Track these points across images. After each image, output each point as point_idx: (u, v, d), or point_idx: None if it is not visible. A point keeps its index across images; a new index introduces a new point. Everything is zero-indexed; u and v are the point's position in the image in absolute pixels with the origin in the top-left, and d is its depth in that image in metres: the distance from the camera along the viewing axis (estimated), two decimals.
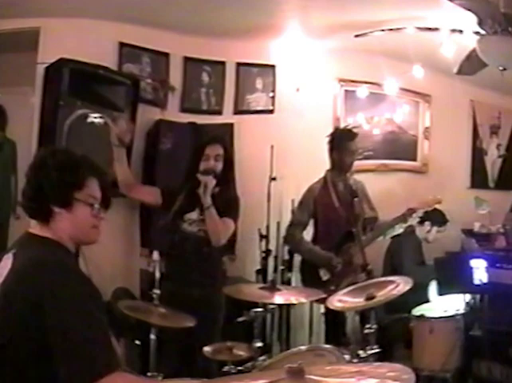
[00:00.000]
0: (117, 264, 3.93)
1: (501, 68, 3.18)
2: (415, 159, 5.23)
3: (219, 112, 4.44)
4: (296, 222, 3.91)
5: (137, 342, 3.07)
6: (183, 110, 4.30)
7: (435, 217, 4.31)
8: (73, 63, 3.45)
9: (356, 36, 4.07)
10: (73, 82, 3.43)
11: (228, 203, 3.30)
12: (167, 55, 4.21)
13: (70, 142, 3.42)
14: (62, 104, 3.41)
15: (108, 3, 3.65)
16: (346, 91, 4.89)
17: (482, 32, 3.18)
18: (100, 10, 3.73)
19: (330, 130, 4.41)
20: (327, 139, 3.93)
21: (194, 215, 3.26)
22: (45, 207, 1.66)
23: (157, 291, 2.82)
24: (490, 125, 5.66)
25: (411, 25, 3.78)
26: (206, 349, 2.68)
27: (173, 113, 4.22)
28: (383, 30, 3.91)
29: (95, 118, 3.49)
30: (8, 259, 1.63)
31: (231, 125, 4.36)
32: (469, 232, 5.12)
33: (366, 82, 4.84)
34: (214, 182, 3.17)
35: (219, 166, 3.28)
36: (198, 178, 3.17)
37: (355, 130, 4.00)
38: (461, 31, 3.50)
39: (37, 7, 3.56)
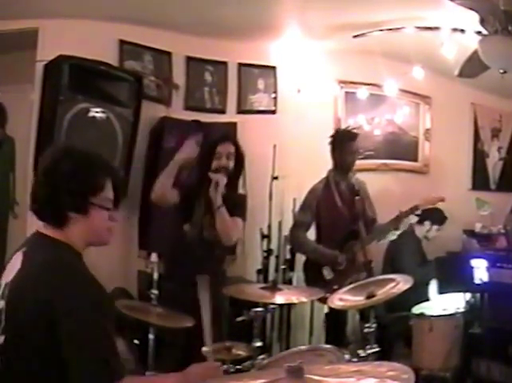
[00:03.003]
0: (115, 265, 3.92)
1: (501, 71, 3.17)
2: (415, 160, 5.25)
3: (223, 111, 4.46)
4: (299, 223, 3.91)
5: (136, 341, 3.06)
6: (187, 108, 4.32)
7: (435, 216, 4.33)
8: (73, 59, 3.44)
9: (355, 36, 4.06)
10: (73, 77, 3.42)
11: (237, 202, 3.26)
12: (169, 54, 4.23)
13: (70, 137, 3.41)
14: (62, 98, 3.40)
15: (107, 4, 3.65)
16: (346, 92, 4.91)
17: (484, 31, 3.17)
18: (99, 11, 3.73)
19: (331, 131, 4.42)
20: (329, 139, 3.98)
21: (205, 218, 3.21)
22: (60, 213, 1.61)
23: (155, 291, 2.82)
24: (491, 128, 5.69)
25: (411, 25, 3.77)
26: (205, 348, 2.67)
27: (177, 111, 4.23)
28: (381, 30, 3.91)
29: (96, 113, 3.47)
30: (18, 258, 1.61)
31: (235, 124, 4.36)
32: (470, 233, 5.14)
33: (366, 83, 4.85)
34: (225, 180, 3.13)
35: (231, 164, 3.24)
36: (210, 176, 3.13)
37: (356, 131, 4.05)
38: (462, 30, 3.49)
39: (35, 8, 3.56)
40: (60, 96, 3.38)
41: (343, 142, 3.90)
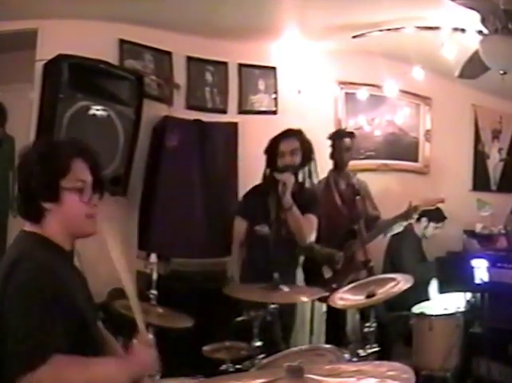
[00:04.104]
0: (113, 265, 3.89)
1: (501, 71, 3.16)
2: (416, 161, 5.25)
3: (224, 111, 4.46)
4: None
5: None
6: (189, 107, 4.32)
7: (432, 213, 4.33)
8: (72, 58, 3.43)
9: (354, 37, 4.06)
10: (73, 76, 3.41)
11: (309, 199, 3.19)
12: (169, 54, 4.22)
13: (71, 135, 3.38)
14: (62, 96, 3.38)
15: (107, 4, 3.64)
16: (346, 93, 4.92)
17: (485, 31, 3.17)
18: (98, 11, 3.72)
19: (331, 131, 4.41)
20: (329, 140, 4.04)
21: (281, 218, 3.13)
22: (35, 205, 1.61)
23: (154, 292, 2.80)
24: (491, 129, 5.71)
25: (411, 25, 3.77)
26: (205, 347, 2.67)
27: (179, 110, 4.23)
28: (381, 30, 3.90)
29: (97, 110, 3.45)
30: None
31: (236, 124, 4.35)
32: (471, 233, 5.15)
33: (366, 84, 4.86)
34: (293, 179, 3.04)
35: (297, 160, 3.13)
36: (276, 177, 3.05)
37: (352, 130, 4.16)
38: (463, 30, 3.49)
39: (34, 9, 3.55)
40: (59, 94, 3.37)
41: (338, 139, 3.98)
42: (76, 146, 1.69)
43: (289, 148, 3.14)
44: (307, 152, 3.20)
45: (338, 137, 4.01)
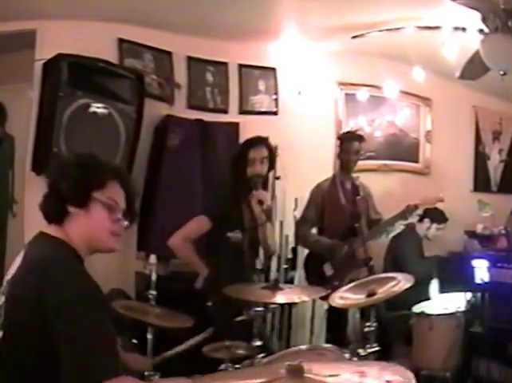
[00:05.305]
0: (112, 266, 3.88)
1: (501, 72, 3.16)
2: (416, 161, 5.25)
3: (225, 111, 4.47)
4: (303, 218, 3.96)
5: (134, 341, 3.05)
6: (190, 107, 4.33)
7: (434, 214, 4.36)
8: (72, 57, 3.43)
9: (354, 37, 4.06)
10: (73, 74, 3.40)
11: (270, 209, 3.18)
12: (169, 53, 4.23)
13: (71, 132, 3.38)
14: (62, 95, 3.38)
15: (106, 5, 3.65)
16: (347, 94, 4.91)
17: (485, 30, 3.16)
18: (97, 12, 3.73)
19: (332, 132, 4.42)
20: (332, 141, 4.15)
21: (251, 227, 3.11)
22: (61, 207, 1.60)
23: (153, 292, 2.80)
24: (492, 131, 5.71)
25: (411, 25, 3.77)
26: (205, 347, 2.66)
27: (180, 110, 4.24)
28: (381, 31, 3.90)
29: (98, 108, 3.44)
30: (20, 256, 1.61)
31: (237, 124, 4.36)
32: (471, 233, 5.15)
33: (366, 85, 4.86)
34: (268, 197, 3.04)
35: (265, 169, 3.10)
36: (253, 194, 3.01)
37: (361, 133, 4.14)
38: (464, 29, 3.49)
39: (33, 10, 3.56)
40: (59, 93, 3.36)
41: (347, 141, 3.98)
42: (117, 169, 1.71)
43: (259, 155, 3.10)
44: (273, 160, 3.19)
45: (347, 139, 4.00)
